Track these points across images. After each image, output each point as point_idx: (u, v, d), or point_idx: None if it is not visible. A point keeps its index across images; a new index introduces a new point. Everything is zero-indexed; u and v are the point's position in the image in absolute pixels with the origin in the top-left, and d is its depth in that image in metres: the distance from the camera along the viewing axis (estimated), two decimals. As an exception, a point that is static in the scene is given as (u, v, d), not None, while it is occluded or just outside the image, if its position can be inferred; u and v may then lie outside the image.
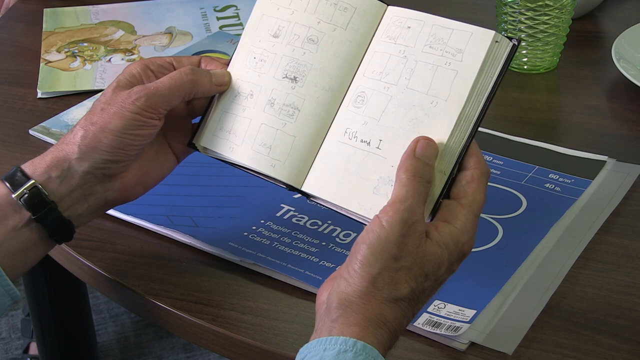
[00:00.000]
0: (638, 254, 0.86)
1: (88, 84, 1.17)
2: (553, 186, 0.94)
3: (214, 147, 0.83)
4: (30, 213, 0.77)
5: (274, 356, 0.78)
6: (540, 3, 1.11)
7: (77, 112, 1.11)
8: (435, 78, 0.75)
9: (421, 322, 0.78)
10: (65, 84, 1.18)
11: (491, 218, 0.90)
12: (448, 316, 0.79)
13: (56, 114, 1.11)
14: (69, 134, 0.81)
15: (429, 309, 0.79)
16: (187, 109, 0.84)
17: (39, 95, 1.16)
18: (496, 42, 0.75)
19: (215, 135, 0.83)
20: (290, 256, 0.86)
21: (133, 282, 0.85)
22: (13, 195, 0.77)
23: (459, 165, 0.74)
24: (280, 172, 0.80)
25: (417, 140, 0.73)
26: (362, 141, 0.77)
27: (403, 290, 0.68)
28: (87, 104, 1.12)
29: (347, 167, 0.77)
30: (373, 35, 0.80)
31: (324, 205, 0.79)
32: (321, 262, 0.85)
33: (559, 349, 0.76)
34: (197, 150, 0.85)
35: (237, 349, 0.80)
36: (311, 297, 0.80)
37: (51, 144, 1.05)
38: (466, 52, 0.75)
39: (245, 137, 0.81)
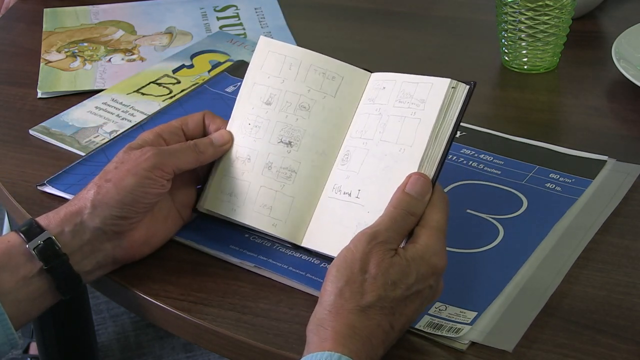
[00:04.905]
0: (638, 254, 0.86)
1: (88, 84, 1.17)
2: (554, 186, 0.94)
3: (217, 210, 0.88)
4: (42, 263, 0.80)
5: (274, 356, 0.78)
6: (540, 3, 1.11)
7: (77, 112, 1.10)
8: (403, 128, 0.81)
9: (422, 325, 0.78)
10: (65, 84, 1.17)
11: (492, 218, 0.90)
12: (449, 318, 0.79)
13: (56, 114, 1.10)
14: (83, 190, 0.84)
15: (430, 311, 0.79)
16: (192, 176, 0.89)
17: (39, 95, 1.16)
18: (452, 88, 0.80)
19: (217, 198, 0.87)
20: (292, 258, 0.86)
21: (133, 282, 0.85)
22: (27, 245, 0.80)
23: None
24: (281, 231, 0.85)
25: (409, 176, 0.78)
26: (344, 193, 0.82)
27: (369, 298, 0.72)
28: (87, 104, 1.12)
29: (333, 219, 0.82)
30: (360, 100, 0.86)
31: (322, 257, 0.84)
32: (322, 264, 0.84)
33: (559, 348, 0.76)
34: (202, 213, 0.89)
35: (237, 349, 0.80)
36: (312, 298, 0.80)
37: (51, 144, 1.06)
38: (427, 101, 0.81)
39: (246, 198, 0.86)
